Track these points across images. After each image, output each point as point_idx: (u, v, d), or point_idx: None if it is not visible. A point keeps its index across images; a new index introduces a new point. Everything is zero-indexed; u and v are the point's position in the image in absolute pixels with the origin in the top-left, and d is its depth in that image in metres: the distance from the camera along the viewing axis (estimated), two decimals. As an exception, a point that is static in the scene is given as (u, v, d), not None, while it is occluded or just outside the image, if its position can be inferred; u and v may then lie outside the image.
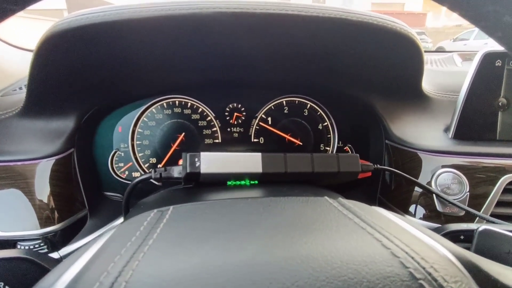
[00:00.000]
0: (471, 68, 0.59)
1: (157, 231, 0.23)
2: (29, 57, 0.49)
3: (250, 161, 0.48)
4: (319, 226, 0.24)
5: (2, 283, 0.32)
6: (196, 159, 0.47)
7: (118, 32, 0.46)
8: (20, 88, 0.71)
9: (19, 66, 0.82)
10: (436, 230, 0.41)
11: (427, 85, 0.67)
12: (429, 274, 0.18)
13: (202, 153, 0.47)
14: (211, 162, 0.47)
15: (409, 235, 0.23)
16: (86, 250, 0.24)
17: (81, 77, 0.55)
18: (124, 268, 0.19)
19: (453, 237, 0.38)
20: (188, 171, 0.46)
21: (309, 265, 0.19)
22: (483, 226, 0.32)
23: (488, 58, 0.58)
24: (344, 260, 0.19)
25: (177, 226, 0.24)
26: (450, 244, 0.24)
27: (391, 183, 0.65)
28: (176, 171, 0.49)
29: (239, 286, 0.17)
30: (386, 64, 0.58)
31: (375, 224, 0.24)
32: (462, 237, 0.37)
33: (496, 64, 0.58)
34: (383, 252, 0.20)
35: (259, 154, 0.49)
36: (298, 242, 0.21)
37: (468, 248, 0.31)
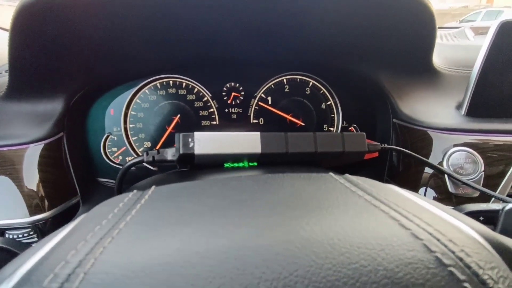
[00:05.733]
0: (486, 39, 0.54)
1: (132, 213, 0.20)
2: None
3: (248, 141, 0.45)
4: (323, 205, 0.20)
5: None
6: (190, 140, 0.44)
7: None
8: (7, 71, 0.68)
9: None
10: (452, 211, 0.37)
11: (438, 59, 0.63)
12: (460, 259, 0.15)
13: (196, 133, 0.44)
14: (206, 142, 0.44)
15: (430, 213, 0.19)
16: (55, 236, 0.21)
17: (64, 53, 0.52)
18: (86, 257, 0.16)
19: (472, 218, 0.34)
20: (181, 152, 0.44)
21: (312, 250, 0.15)
22: (510, 205, 0.29)
23: (506, 28, 0.53)
24: (354, 243, 0.15)
25: (156, 207, 0.21)
26: (476, 224, 0.21)
27: (399, 164, 0.62)
28: (170, 154, 0.47)
29: (223, 277, 0.14)
30: (395, 33, 0.54)
31: (389, 202, 0.20)
32: (481, 218, 0.33)
33: (514, 34, 0.53)
34: (401, 233, 0.16)
35: (258, 133, 0.46)
36: (298, 222, 0.18)
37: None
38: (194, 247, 0.16)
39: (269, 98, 0.73)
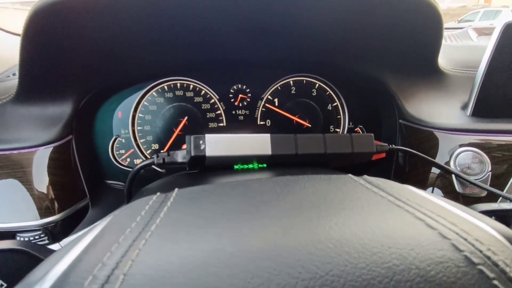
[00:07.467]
0: (491, 40, 0.55)
1: (160, 215, 0.20)
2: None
3: (258, 143, 0.46)
4: (348, 205, 0.20)
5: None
6: (201, 142, 0.44)
7: (111, 4, 0.43)
8: (14, 74, 0.68)
9: (13, 52, 0.78)
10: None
11: (443, 60, 0.63)
12: (488, 258, 0.15)
13: (207, 135, 0.44)
14: (217, 144, 0.44)
15: (452, 213, 0.20)
16: (82, 239, 0.21)
17: (73, 57, 0.52)
18: (122, 259, 0.16)
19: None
20: (192, 154, 0.44)
21: (344, 250, 0.15)
22: (525, 205, 0.29)
23: (509, 29, 0.54)
24: (385, 243, 0.16)
25: (183, 210, 0.21)
26: (495, 223, 0.21)
27: (405, 164, 0.62)
28: (180, 156, 0.47)
29: (259, 277, 0.14)
30: (401, 34, 0.54)
31: (411, 202, 0.21)
32: (493, 217, 0.34)
33: (518, 35, 0.54)
34: (429, 233, 0.17)
35: (268, 135, 0.46)
36: (326, 223, 0.18)
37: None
38: (227, 248, 0.16)
39: (275, 100, 0.74)
